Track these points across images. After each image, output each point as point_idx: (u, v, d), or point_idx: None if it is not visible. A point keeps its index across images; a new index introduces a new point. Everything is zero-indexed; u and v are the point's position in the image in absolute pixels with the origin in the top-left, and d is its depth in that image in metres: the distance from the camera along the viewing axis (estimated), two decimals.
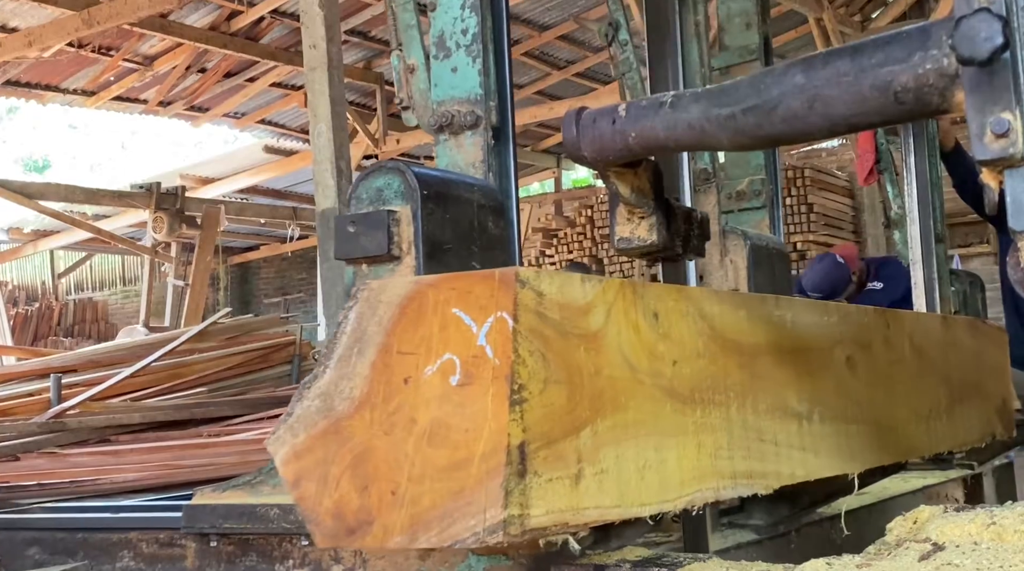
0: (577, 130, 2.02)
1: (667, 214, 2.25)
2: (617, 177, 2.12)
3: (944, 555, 1.82)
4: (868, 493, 3.53)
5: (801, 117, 1.69)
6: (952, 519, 1.99)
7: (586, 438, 1.82)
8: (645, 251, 2.30)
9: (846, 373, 2.61)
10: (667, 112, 1.89)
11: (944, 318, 3.17)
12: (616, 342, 1.94)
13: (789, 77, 1.71)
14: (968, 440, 3.20)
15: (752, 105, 1.74)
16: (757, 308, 2.36)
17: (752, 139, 1.81)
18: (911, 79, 1.57)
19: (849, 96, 1.63)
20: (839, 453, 2.55)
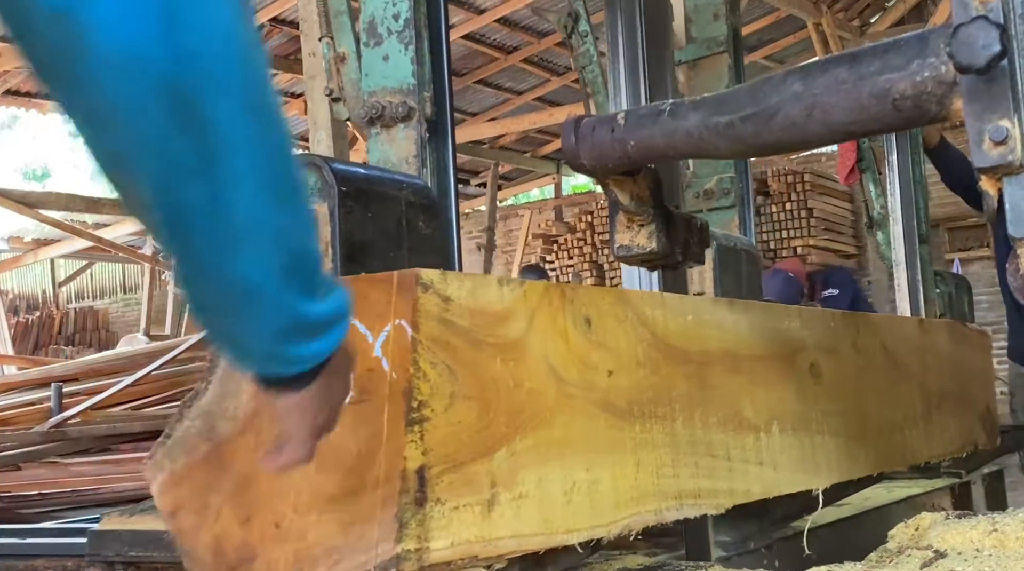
0: (576, 138, 1.99)
1: (667, 221, 2.19)
2: (616, 185, 2.08)
3: (946, 562, 1.76)
4: (849, 504, 3.31)
5: (800, 125, 1.67)
6: (954, 526, 1.93)
7: (502, 459, 1.61)
8: (645, 258, 2.24)
9: (810, 381, 2.39)
10: (666, 120, 1.85)
11: (921, 321, 2.95)
12: (541, 351, 1.72)
13: (787, 85, 1.68)
14: (947, 450, 2.97)
15: (751, 113, 1.71)
16: (707, 312, 2.14)
17: (751, 147, 1.78)
18: (909, 87, 1.54)
19: (847, 104, 1.61)
20: (802, 467, 2.32)
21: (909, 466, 2.77)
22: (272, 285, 1.02)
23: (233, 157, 0.93)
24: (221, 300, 1.03)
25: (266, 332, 1.06)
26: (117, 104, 0.88)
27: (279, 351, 1.09)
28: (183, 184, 0.92)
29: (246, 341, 1.08)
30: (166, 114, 0.88)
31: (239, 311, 1.04)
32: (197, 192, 0.93)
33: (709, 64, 3.21)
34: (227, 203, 0.95)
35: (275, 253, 1.01)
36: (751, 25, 13.17)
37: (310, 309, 1.08)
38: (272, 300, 1.03)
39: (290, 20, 11.99)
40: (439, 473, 1.51)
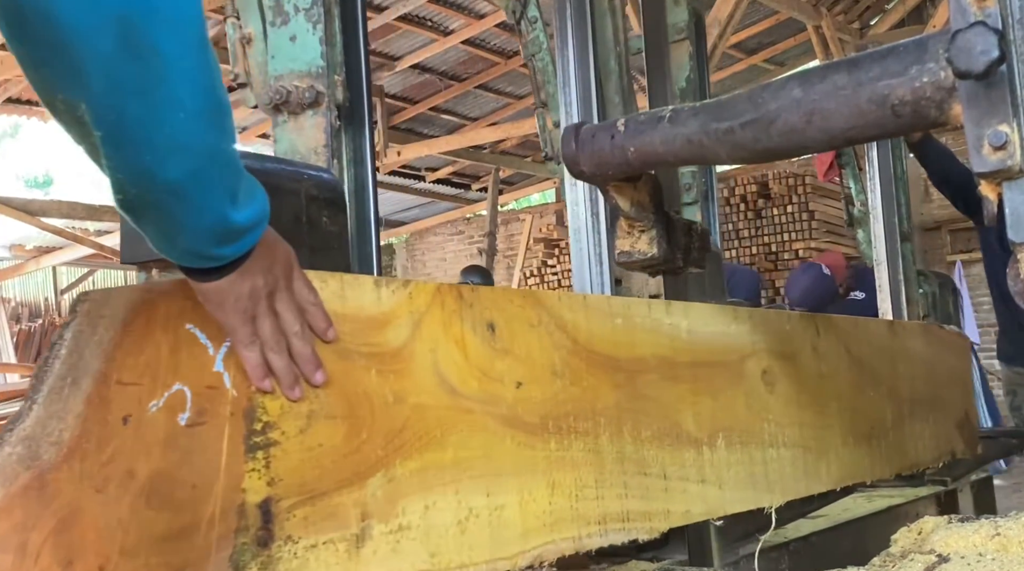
0: (576, 145, 1.96)
1: (667, 227, 2.14)
2: (617, 191, 2.04)
3: (949, 567, 1.73)
4: (825, 516, 3.07)
5: (799, 130, 1.64)
6: (957, 530, 1.89)
7: (377, 487, 1.36)
8: (646, 264, 2.17)
9: (762, 390, 2.14)
10: (666, 127, 1.82)
11: (891, 324, 2.69)
12: (430, 361, 1.48)
13: (787, 91, 1.66)
14: (921, 460, 2.71)
15: (750, 119, 1.68)
16: (640, 315, 1.88)
17: (750, 153, 1.74)
18: (908, 92, 1.52)
19: (847, 110, 1.59)
20: (752, 484, 2.07)
21: (877, 479, 2.49)
22: (200, 193, 1.13)
23: (173, 83, 1.05)
24: (155, 203, 1.12)
25: (195, 233, 1.16)
26: (76, 33, 0.98)
27: (206, 250, 1.19)
28: (127, 103, 1.03)
29: (176, 240, 1.17)
30: (118, 43, 0.99)
31: (171, 214, 1.13)
32: (139, 110, 1.04)
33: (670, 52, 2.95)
34: (163, 122, 1.05)
35: (203, 166, 1.12)
36: (751, 28, 12.96)
37: (234, 215, 1.18)
38: (199, 205, 1.13)
39: None
40: (291, 506, 1.26)
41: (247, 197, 1.21)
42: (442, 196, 15.33)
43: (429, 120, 13.55)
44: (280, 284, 1.30)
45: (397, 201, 15.08)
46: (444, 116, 13.27)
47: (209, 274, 1.23)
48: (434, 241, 15.88)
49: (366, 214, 2.05)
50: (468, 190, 15.31)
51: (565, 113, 2.65)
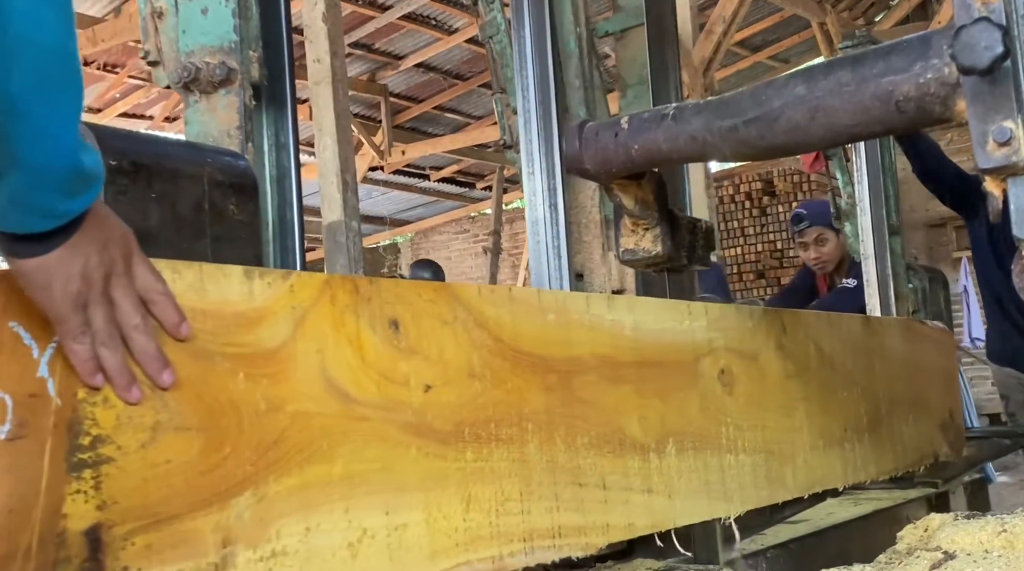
0: (580, 144, 1.91)
1: (671, 225, 2.07)
2: (621, 189, 1.98)
3: (955, 564, 1.69)
4: (807, 521, 2.86)
5: (803, 127, 1.61)
6: (963, 527, 1.84)
7: (243, 508, 1.16)
8: (650, 262, 2.11)
9: (719, 391, 1.93)
10: (669, 124, 1.79)
11: (867, 320, 2.47)
12: (315, 363, 1.27)
13: (791, 88, 1.62)
14: (900, 464, 2.49)
15: (754, 116, 1.65)
16: (577, 311, 1.68)
17: (754, 150, 1.71)
18: (912, 88, 1.50)
19: (851, 106, 1.56)
20: (707, 492, 1.86)
21: (851, 484, 2.28)
22: (44, 110, 0.96)
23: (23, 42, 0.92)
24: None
25: (32, 171, 0.97)
26: None
27: (43, 200, 1.00)
28: None
29: (23, 184, 0.98)
30: None
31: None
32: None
33: (637, 36, 2.74)
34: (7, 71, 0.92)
35: (50, 71, 0.95)
36: (755, 25, 12.79)
37: (82, 153, 1.01)
38: (42, 127, 0.96)
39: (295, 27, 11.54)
40: (129, 533, 1.06)
41: (90, 138, 1.07)
42: (447, 195, 15.14)
43: (433, 119, 13.37)
44: (118, 267, 1.10)
45: (402, 200, 14.91)
46: (448, 115, 13.08)
47: (33, 247, 1.03)
48: (439, 240, 15.69)
49: (288, 203, 1.86)
50: (472, 189, 15.12)
51: (522, 98, 2.45)
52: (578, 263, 2.49)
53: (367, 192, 14.22)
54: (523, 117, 2.44)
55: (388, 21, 11.31)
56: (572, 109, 2.51)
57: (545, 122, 2.42)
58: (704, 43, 10.97)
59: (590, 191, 2.49)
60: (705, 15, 11.35)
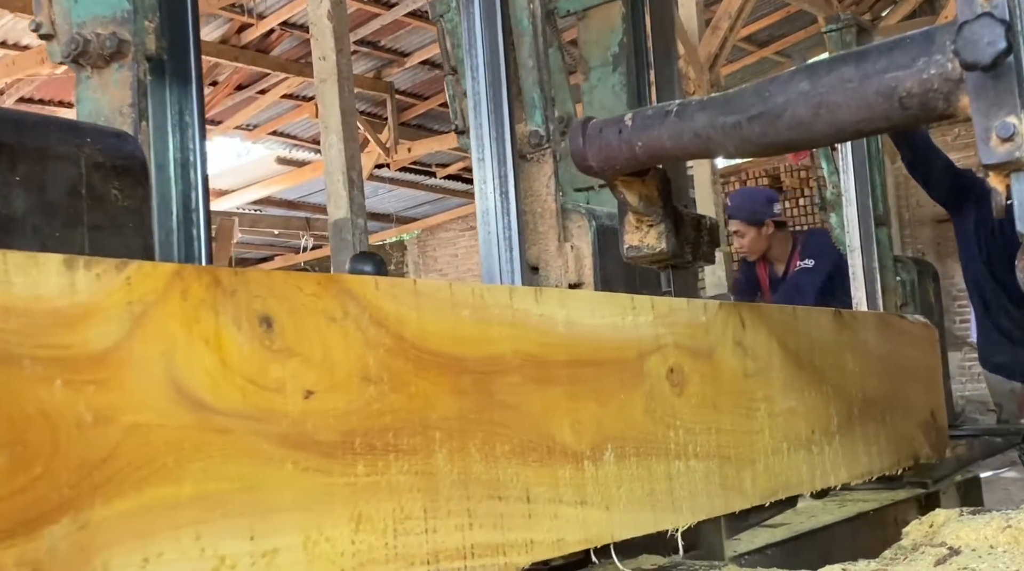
0: (584, 140, 1.89)
1: (676, 221, 2.05)
2: (625, 186, 1.97)
3: (960, 559, 1.66)
4: (785, 526, 2.67)
5: (807, 124, 1.59)
6: (968, 523, 1.81)
7: (60, 538, 0.97)
8: (655, 259, 2.08)
9: (667, 391, 1.73)
10: (673, 121, 1.77)
11: (838, 314, 2.26)
12: (159, 368, 1.08)
13: (794, 84, 1.60)
14: (875, 467, 2.29)
15: (757, 113, 1.63)
16: (498, 305, 1.48)
17: (758, 147, 1.69)
18: (916, 84, 1.48)
19: (854, 102, 1.54)
20: (651, 503, 1.66)
21: (820, 489, 2.08)
22: None
23: None
24: None
25: None
26: None
27: None
28: None
29: None
30: None
31: None
32: None
33: (600, 15, 2.54)
34: None
35: None
36: (762, 21, 12.61)
37: None
38: None
39: (300, 24, 11.50)
40: None
41: None
42: (453, 192, 14.95)
43: (439, 116, 13.18)
44: None
45: (408, 197, 14.73)
46: None
47: None
48: (445, 237, 15.50)
49: (193, 188, 1.65)
50: None
51: (471, 79, 2.25)
52: (532, 256, 2.29)
53: (373, 189, 14.04)
54: (473, 99, 2.24)
55: (394, 18, 11.14)
56: (526, 91, 2.31)
57: (496, 105, 2.22)
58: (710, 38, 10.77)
59: (545, 178, 2.29)
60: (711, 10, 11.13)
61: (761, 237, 4.93)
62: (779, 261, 4.98)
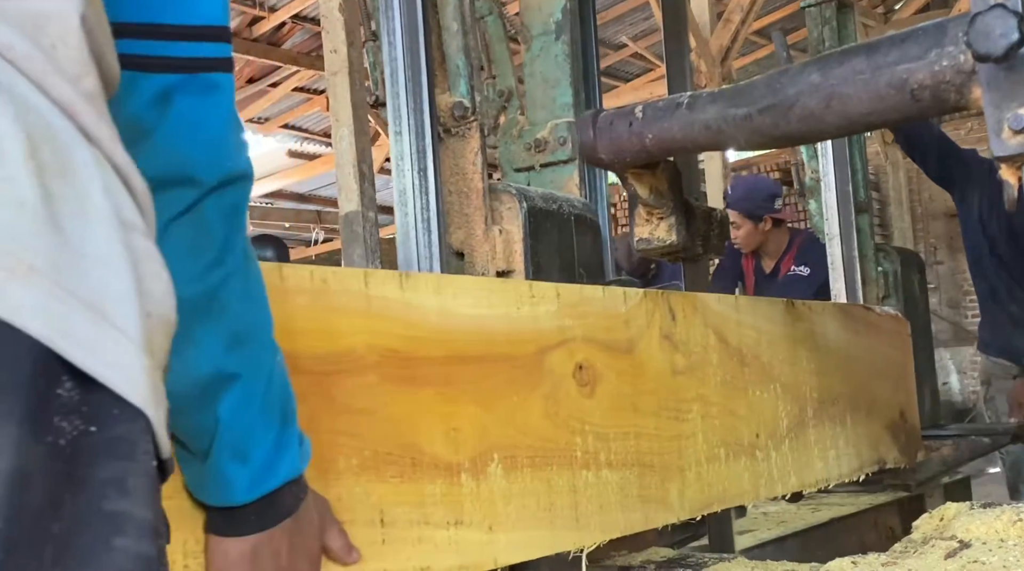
0: (594, 133, 1.84)
1: (686, 214, 1.99)
2: (635, 178, 1.92)
3: (970, 552, 1.61)
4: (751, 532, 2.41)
5: (818, 116, 1.55)
6: (979, 516, 1.78)
7: None
8: (665, 251, 2.02)
9: (573, 392, 1.47)
10: (683, 113, 1.73)
11: (791, 304, 1.99)
12: None
13: (805, 76, 1.56)
14: (832, 474, 2.02)
15: (768, 105, 1.59)
16: (347, 291, 1.22)
17: (769, 139, 1.67)
18: (928, 76, 1.44)
19: (866, 94, 1.50)
20: (549, 520, 1.41)
21: (764, 499, 1.81)
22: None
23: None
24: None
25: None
26: None
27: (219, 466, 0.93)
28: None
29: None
30: None
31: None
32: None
33: None
34: None
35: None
36: (774, 14, 12.28)
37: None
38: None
39: (311, 17, 11.26)
40: None
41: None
42: None
43: None
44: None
45: None
46: None
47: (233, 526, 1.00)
48: None
49: None
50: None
51: (388, 44, 1.99)
52: (458, 240, 2.02)
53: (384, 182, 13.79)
54: (389, 66, 1.98)
55: None
56: (450, 58, 2.05)
57: (414, 72, 1.96)
58: (722, 32, 10.47)
59: (471, 155, 2.02)
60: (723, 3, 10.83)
61: (757, 232, 4.64)
62: (769, 257, 4.68)
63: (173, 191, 0.87)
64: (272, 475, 0.97)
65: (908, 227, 13.09)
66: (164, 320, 0.69)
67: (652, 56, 12.28)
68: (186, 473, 0.97)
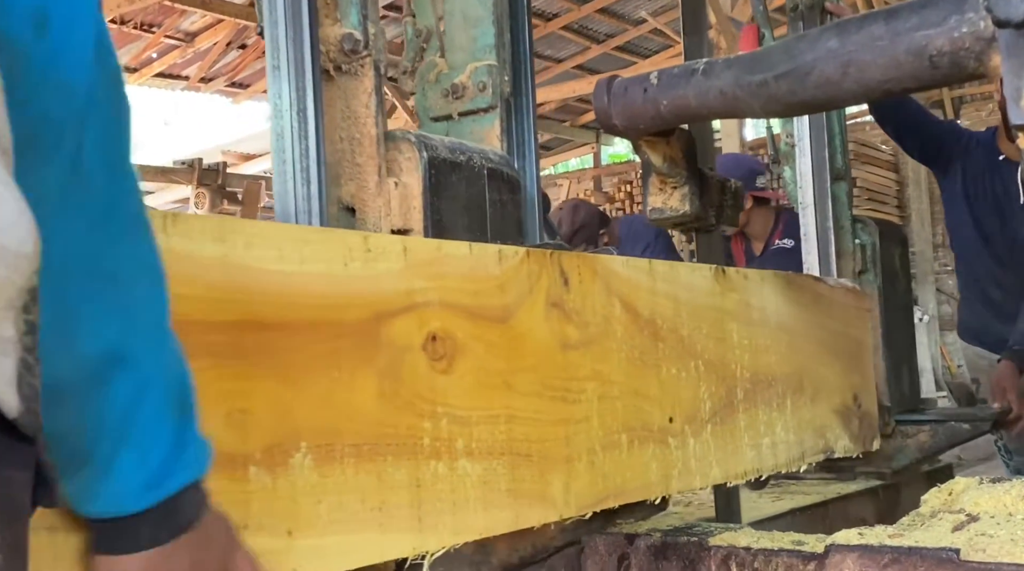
0: (608, 99, 1.80)
1: (700, 184, 1.93)
2: (649, 146, 1.85)
3: (978, 526, 1.54)
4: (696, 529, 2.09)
5: (835, 82, 1.51)
6: (988, 490, 1.68)
7: None
8: (677, 221, 1.99)
9: (423, 367, 1.19)
10: (699, 80, 1.67)
11: (720, 271, 1.68)
12: None
13: (823, 42, 1.52)
14: (766, 464, 1.72)
15: (785, 71, 1.54)
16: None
17: (785, 106, 1.61)
18: (947, 43, 1.40)
19: (884, 61, 1.46)
20: (379, 521, 1.14)
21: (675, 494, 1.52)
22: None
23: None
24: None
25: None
26: None
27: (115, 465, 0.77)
28: None
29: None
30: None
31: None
32: None
33: None
34: None
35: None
36: None
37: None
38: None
39: None
40: None
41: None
42: None
43: None
44: None
45: None
46: None
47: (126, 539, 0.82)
48: None
49: None
50: None
51: None
52: (348, 193, 1.73)
53: None
54: None
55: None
56: None
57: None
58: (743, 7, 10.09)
59: (365, 96, 1.73)
60: None
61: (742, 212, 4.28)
62: (757, 238, 4.34)
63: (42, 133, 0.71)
64: (170, 477, 0.81)
65: (926, 209, 12.69)
66: (8, 250, 0.61)
67: (671, 32, 11.89)
68: (67, 484, 0.78)
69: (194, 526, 0.84)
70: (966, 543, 1.37)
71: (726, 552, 1.45)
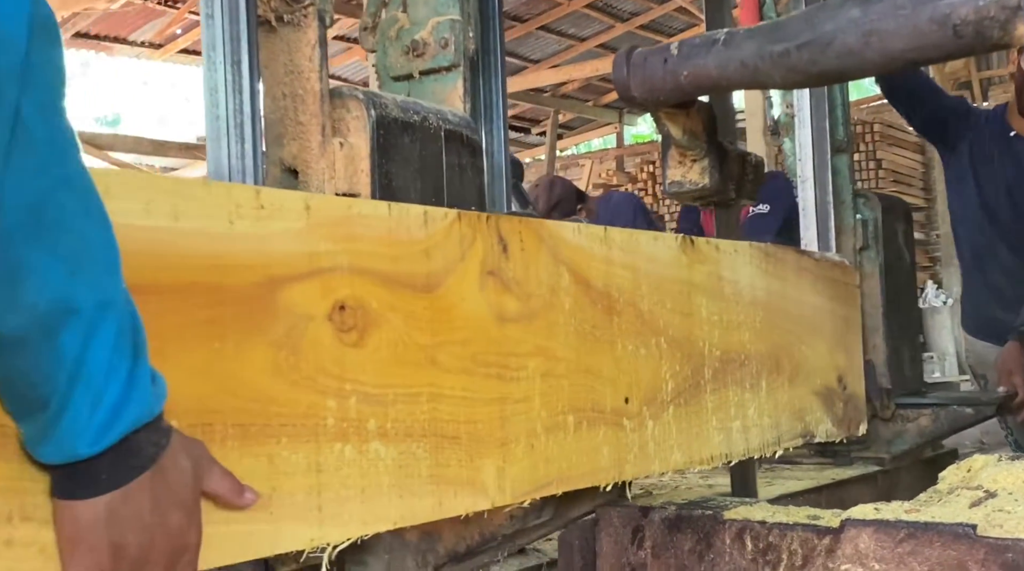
0: (628, 70, 1.75)
1: (720, 157, 1.87)
2: (669, 118, 1.81)
3: (996, 502, 1.52)
4: None
5: (856, 52, 1.48)
6: (1006, 468, 1.66)
7: None
8: (697, 195, 1.92)
9: (329, 339, 1.06)
10: (720, 50, 1.63)
11: (687, 242, 1.52)
12: None
13: (844, 11, 1.49)
14: (736, 448, 1.57)
15: (806, 41, 1.50)
16: None
17: (807, 76, 1.57)
18: (971, 11, 1.36)
19: (906, 30, 1.43)
20: (268, 511, 0.99)
21: (632, 479, 1.36)
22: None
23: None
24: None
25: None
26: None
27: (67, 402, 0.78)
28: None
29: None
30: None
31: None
32: None
33: None
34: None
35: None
36: None
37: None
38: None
39: None
40: None
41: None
42: None
43: None
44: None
45: None
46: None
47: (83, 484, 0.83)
48: None
49: None
50: (528, 134, 14.10)
51: None
52: (290, 154, 1.57)
53: None
54: None
55: None
56: None
57: None
58: None
59: (308, 49, 1.57)
60: None
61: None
62: None
63: None
64: (124, 418, 0.81)
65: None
66: None
67: (696, 11, 11.67)
68: (24, 429, 0.81)
69: (152, 465, 0.84)
70: (983, 519, 1.36)
71: (741, 526, 1.43)
